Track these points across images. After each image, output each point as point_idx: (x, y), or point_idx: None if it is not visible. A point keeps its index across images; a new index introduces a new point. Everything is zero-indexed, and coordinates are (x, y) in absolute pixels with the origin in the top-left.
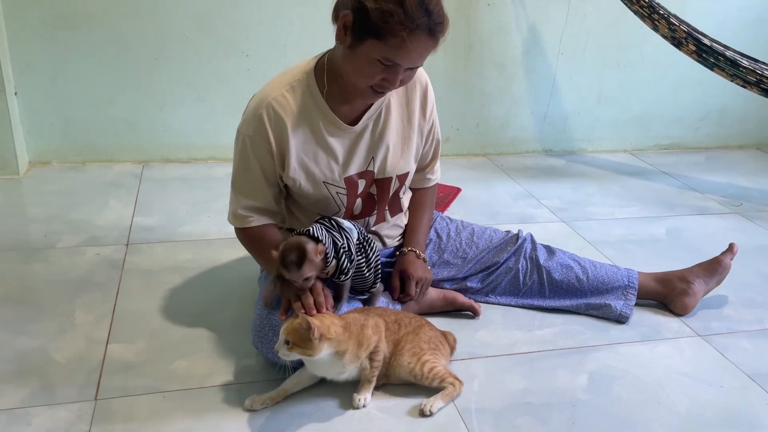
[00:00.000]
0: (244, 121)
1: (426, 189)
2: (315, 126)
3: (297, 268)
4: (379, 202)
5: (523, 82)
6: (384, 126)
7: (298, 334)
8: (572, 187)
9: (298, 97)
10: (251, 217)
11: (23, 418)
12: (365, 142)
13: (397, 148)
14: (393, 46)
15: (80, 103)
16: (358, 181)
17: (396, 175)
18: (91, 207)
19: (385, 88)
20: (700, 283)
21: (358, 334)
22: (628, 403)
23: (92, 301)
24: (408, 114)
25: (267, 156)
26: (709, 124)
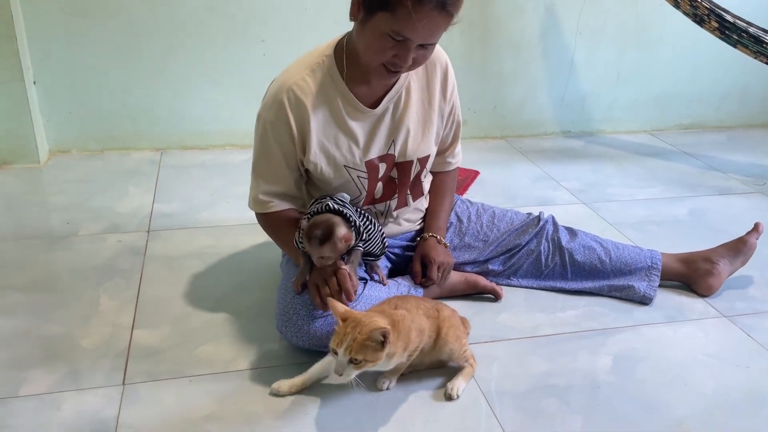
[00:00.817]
0: (264, 106)
1: (447, 173)
2: (335, 109)
3: (318, 245)
4: (400, 186)
5: (541, 63)
6: (404, 108)
7: (370, 349)
8: (591, 169)
9: (319, 80)
10: (272, 202)
11: (53, 403)
12: (386, 125)
13: (418, 130)
14: (400, 18)
15: (98, 92)
16: (379, 164)
17: (417, 158)
18: (111, 194)
19: (398, 66)
20: (725, 264)
21: (405, 336)
22: (652, 385)
23: (116, 287)
24: (428, 96)
25: (288, 140)
26: (730, 102)
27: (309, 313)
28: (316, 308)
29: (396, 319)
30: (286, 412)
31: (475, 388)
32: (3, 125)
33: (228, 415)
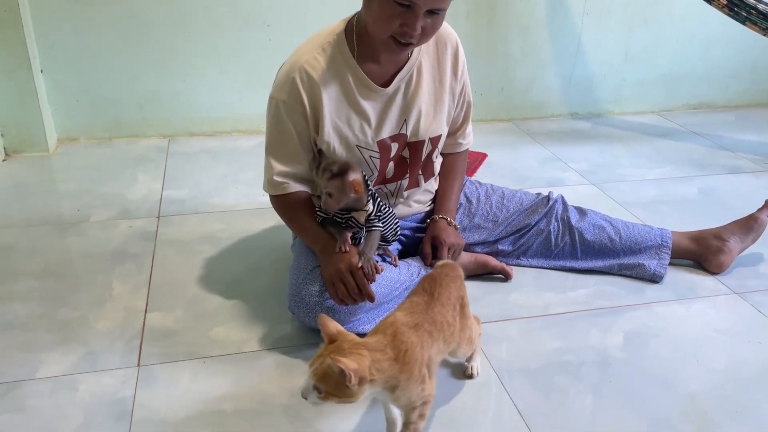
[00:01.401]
0: (276, 86)
1: (457, 154)
2: (348, 88)
3: (329, 178)
4: (411, 166)
5: (548, 44)
6: (416, 87)
7: (332, 381)
8: (600, 150)
9: (330, 59)
10: (287, 183)
11: (70, 385)
12: (397, 104)
13: (430, 110)
14: None
15: (105, 79)
16: (390, 144)
17: (429, 137)
18: (120, 181)
19: (407, 37)
20: (736, 241)
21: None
22: (665, 361)
23: (128, 271)
24: (440, 75)
25: (301, 120)
26: (739, 81)
27: (321, 293)
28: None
29: (402, 348)
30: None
31: (487, 366)
32: (12, 114)
33: (242, 394)
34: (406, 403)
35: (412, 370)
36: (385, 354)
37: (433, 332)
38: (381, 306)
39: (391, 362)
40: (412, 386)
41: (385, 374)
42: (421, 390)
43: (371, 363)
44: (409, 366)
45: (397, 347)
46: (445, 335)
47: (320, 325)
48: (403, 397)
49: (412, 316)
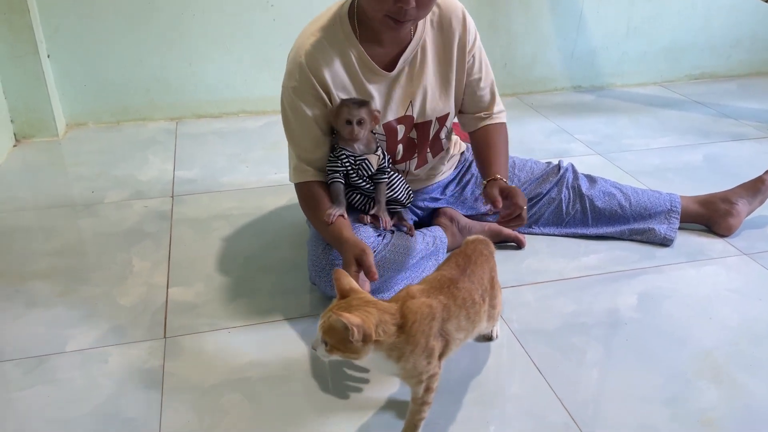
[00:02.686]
0: (286, 74)
1: (495, 125)
2: (353, 72)
3: (357, 106)
4: (419, 146)
5: (550, 19)
6: (421, 68)
7: (336, 334)
8: (604, 122)
9: (333, 42)
10: (311, 171)
11: (100, 357)
12: (402, 86)
13: (436, 90)
14: None
15: (111, 64)
16: (397, 126)
17: (435, 117)
18: (132, 163)
19: (402, 13)
20: (744, 204)
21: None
22: (679, 320)
23: (147, 249)
24: (445, 53)
25: (317, 102)
26: (740, 50)
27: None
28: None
29: (410, 319)
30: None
31: (505, 329)
32: (21, 100)
33: (268, 361)
34: (412, 374)
35: (418, 341)
36: (393, 318)
37: (451, 307)
38: (398, 275)
39: (398, 329)
40: (417, 358)
41: (390, 339)
42: (427, 363)
43: (378, 322)
44: (416, 338)
45: (406, 316)
46: (468, 313)
47: (334, 280)
48: (409, 369)
49: (432, 290)
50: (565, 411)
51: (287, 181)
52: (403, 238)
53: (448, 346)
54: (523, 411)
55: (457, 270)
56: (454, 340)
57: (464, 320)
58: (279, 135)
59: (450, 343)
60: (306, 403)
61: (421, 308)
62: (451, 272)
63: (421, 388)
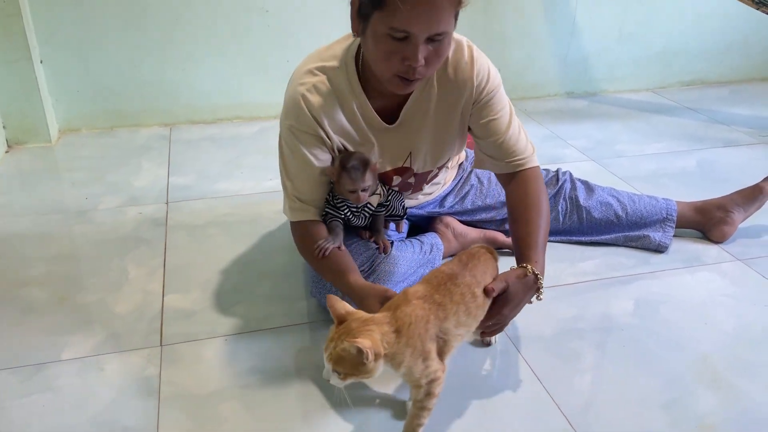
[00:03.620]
0: (284, 111)
1: (523, 173)
2: (355, 120)
3: (362, 173)
4: (415, 186)
5: (543, 24)
6: (423, 121)
7: (348, 362)
8: (598, 127)
9: (336, 87)
10: (310, 210)
11: (96, 365)
12: (402, 139)
13: (437, 141)
14: (391, 9)
15: (104, 69)
16: (393, 177)
17: (436, 166)
18: (126, 170)
19: (411, 73)
20: (739, 211)
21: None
22: (675, 325)
23: (142, 256)
24: (450, 105)
25: (316, 143)
26: (732, 56)
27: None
28: None
29: (403, 322)
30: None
31: (502, 335)
32: (14, 105)
33: (267, 368)
34: (411, 379)
35: (414, 344)
36: (390, 326)
37: (447, 305)
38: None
39: (397, 335)
40: (414, 361)
41: (393, 348)
42: (425, 367)
43: (381, 336)
44: (413, 340)
45: (400, 319)
46: (468, 307)
47: (329, 306)
48: (408, 373)
49: (430, 288)
50: (563, 417)
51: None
52: (402, 248)
53: (447, 345)
54: (522, 417)
55: (459, 265)
56: (454, 337)
57: (463, 315)
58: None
59: (450, 341)
60: (304, 411)
61: (414, 311)
62: (452, 268)
63: (422, 392)
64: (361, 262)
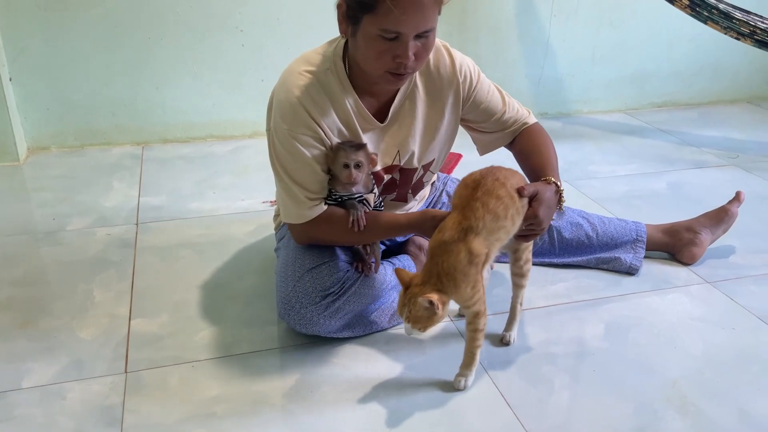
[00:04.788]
0: (277, 115)
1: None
2: (348, 120)
3: (355, 150)
4: (400, 186)
5: (517, 46)
6: (410, 117)
7: (424, 317)
8: (571, 148)
9: (328, 88)
10: (321, 202)
11: (57, 394)
12: (392, 136)
13: (423, 138)
14: (383, 12)
15: (76, 87)
16: (384, 175)
17: (421, 164)
18: (95, 189)
19: (402, 68)
20: (707, 233)
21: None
22: (645, 349)
23: (109, 279)
24: (435, 104)
25: (315, 143)
26: (702, 79)
27: (311, 300)
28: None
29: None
30: (290, 391)
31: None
32: None
33: (234, 396)
34: (462, 302)
35: (455, 277)
36: (438, 278)
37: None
38: (368, 307)
39: (439, 280)
40: (461, 291)
41: (448, 294)
42: (473, 293)
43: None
44: (451, 275)
45: (439, 266)
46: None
47: (397, 276)
48: (459, 299)
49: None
50: None
51: (255, 208)
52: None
53: (489, 253)
54: None
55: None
56: (492, 244)
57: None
58: (248, 160)
59: (490, 251)
60: None
61: (449, 257)
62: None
63: (471, 314)
64: (331, 283)
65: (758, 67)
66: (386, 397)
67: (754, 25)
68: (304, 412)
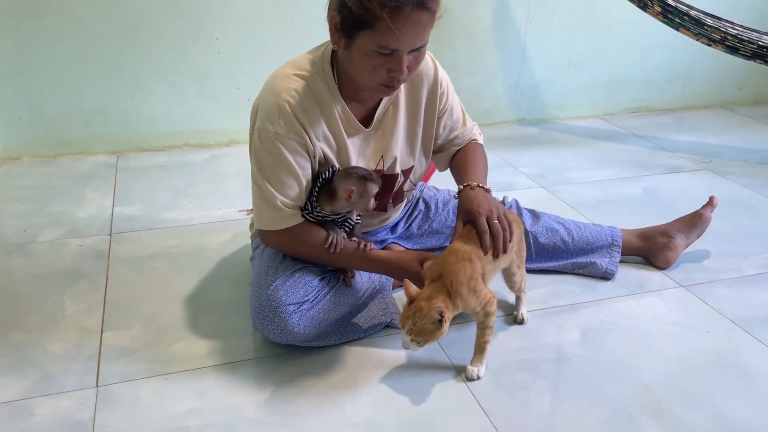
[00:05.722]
0: (264, 118)
1: (469, 145)
2: (334, 124)
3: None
4: (382, 194)
5: (494, 53)
6: (392, 122)
7: (427, 330)
8: (548, 154)
9: (316, 92)
10: (297, 214)
11: (26, 410)
12: (375, 141)
13: (405, 145)
14: (381, 30)
15: (48, 96)
16: None
17: (401, 170)
18: (68, 200)
19: (395, 81)
20: (681, 237)
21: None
22: (620, 354)
23: (81, 291)
24: (414, 109)
25: (300, 149)
26: (675, 85)
27: (286, 309)
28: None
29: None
30: (266, 403)
31: (449, 367)
32: None
33: (208, 408)
34: (470, 311)
35: (461, 292)
36: (442, 293)
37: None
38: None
39: (447, 296)
40: (468, 301)
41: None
42: (476, 299)
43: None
44: (459, 290)
45: (446, 283)
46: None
47: (404, 287)
48: (467, 309)
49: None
50: None
51: (232, 217)
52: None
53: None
54: None
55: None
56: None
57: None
58: (224, 168)
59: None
60: None
61: (452, 270)
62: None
63: (481, 315)
64: (306, 291)
65: (730, 73)
66: (362, 406)
67: (724, 31)
68: (280, 423)
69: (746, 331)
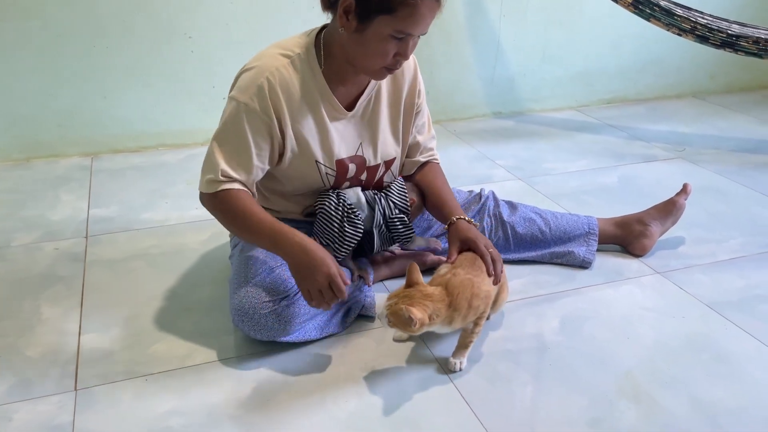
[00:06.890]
0: (241, 89)
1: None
2: (315, 106)
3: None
4: (365, 186)
5: (469, 47)
6: (375, 111)
7: (400, 319)
8: (524, 147)
9: (299, 73)
10: (227, 183)
11: (3, 415)
12: (357, 127)
13: (387, 134)
14: (404, 16)
15: (18, 98)
16: (349, 165)
17: (384, 161)
18: (42, 203)
19: (398, 65)
20: (657, 225)
21: (466, 307)
22: (599, 341)
23: (57, 294)
24: (396, 99)
25: (263, 129)
26: (647, 75)
27: (265, 305)
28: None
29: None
30: (248, 400)
31: (431, 359)
32: None
33: (189, 409)
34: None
35: (461, 307)
36: (444, 302)
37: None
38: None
39: (447, 307)
40: (464, 318)
41: (442, 317)
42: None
43: (432, 311)
44: (459, 305)
45: (451, 293)
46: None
47: (408, 272)
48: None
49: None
50: None
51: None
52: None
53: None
54: None
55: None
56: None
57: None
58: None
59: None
60: None
61: (458, 284)
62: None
63: (470, 327)
64: (285, 288)
65: (701, 62)
66: (345, 401)
67: (694, 21)
68: (263, 421)
69: (721, 315)
